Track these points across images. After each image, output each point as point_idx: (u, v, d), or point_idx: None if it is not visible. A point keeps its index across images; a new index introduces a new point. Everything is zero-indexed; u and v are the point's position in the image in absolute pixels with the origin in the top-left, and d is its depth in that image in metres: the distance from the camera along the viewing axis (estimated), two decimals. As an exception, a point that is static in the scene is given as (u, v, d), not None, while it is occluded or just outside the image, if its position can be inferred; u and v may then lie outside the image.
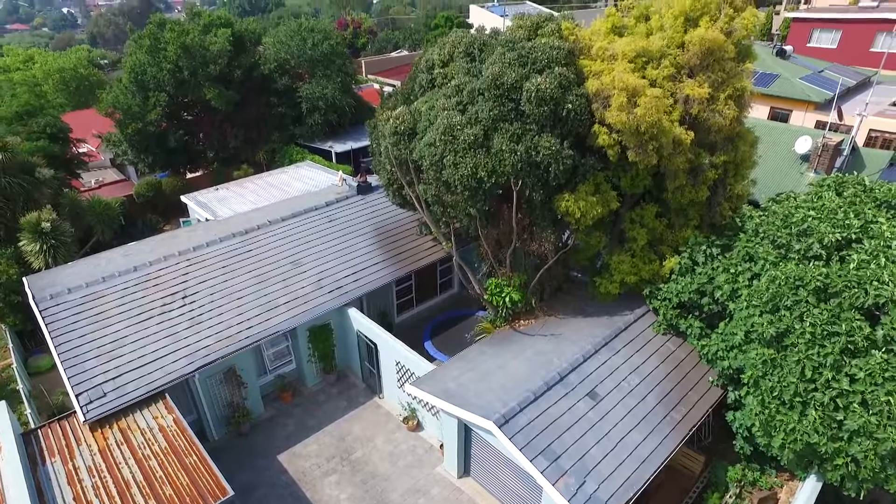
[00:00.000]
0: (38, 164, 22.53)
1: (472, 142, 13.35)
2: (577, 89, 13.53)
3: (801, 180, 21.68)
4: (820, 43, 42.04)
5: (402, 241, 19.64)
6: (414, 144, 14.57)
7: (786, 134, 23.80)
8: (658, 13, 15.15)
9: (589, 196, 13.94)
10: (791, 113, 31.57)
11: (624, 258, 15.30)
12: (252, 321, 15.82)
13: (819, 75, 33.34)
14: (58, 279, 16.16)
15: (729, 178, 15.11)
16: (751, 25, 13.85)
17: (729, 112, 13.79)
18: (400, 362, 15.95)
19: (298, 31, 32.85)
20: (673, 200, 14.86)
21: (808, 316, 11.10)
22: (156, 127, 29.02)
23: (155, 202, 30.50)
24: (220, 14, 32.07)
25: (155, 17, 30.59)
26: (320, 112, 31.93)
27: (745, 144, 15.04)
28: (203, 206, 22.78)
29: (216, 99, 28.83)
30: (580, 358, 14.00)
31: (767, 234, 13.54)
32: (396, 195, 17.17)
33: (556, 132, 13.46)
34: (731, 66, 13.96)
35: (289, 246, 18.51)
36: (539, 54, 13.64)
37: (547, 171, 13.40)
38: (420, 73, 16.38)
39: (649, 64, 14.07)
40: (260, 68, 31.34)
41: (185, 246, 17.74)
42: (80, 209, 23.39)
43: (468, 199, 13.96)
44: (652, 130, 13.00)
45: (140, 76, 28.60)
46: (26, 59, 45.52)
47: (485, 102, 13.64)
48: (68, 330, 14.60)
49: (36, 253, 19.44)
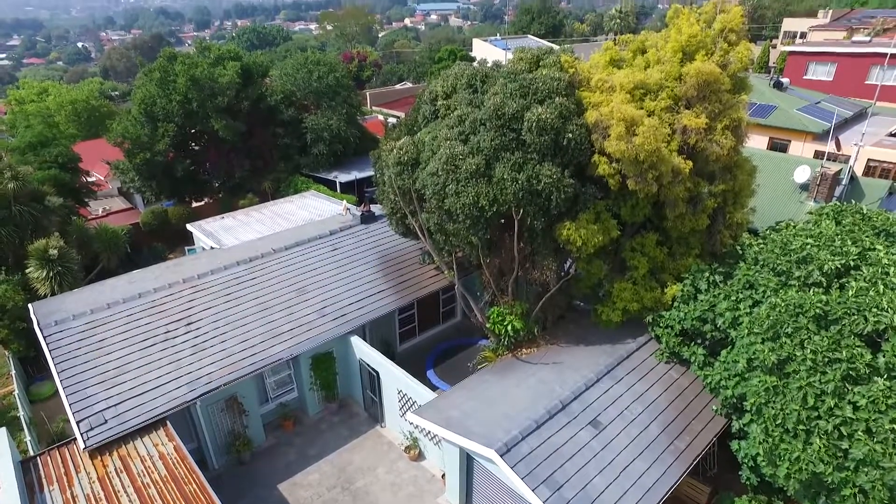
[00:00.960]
0: (47, 193, 22.91)
1: (473, 171, 13.60)
2: (577, 119, 13.83)
3: (800, 209, 21.85)
4: (816, 75, 42.82)
5: (404, 270, 19.77)
6: (417, 174, 14.83)
7: (785, 163, 24.07)
8: (655, 47, 15.59)
9: (590, 224, 14.10)
10: (790, 143, 31.96)
11: (625, 286, 15.37)
12: (255, 349, 15.85)
13: (816, 106, 33.85)
14: (63, 305, 16.29)
15: (728, 206, 15.30)
16: (745, 59, 14.22)
17: (726, 142, 14.06)
18: (402, 391, 15.89)
19: (304, 64, 33.67)
20: (673, 229, 15.01)
21: (808, 343, 11.10)
22: (163, 156, 29.56)
23: (161, 230, 30.82)
24: (230, 48, 33.00)
25: (165, 51, 31.48)
26: (325, 142, 32.48)
27: (744, 173, 15.28)
28: (208, 235, 23.03)
29: (223, 130, 29.41)
30: (582, 386, 13.95)
31: (767, 262, 13.63)
32: (399, 224, 17.37)
33: (557, 161, 13.71)
34: (728, 98, 14.28)
35: (293, 274, 18.65)
36: (540, 85, 13.99)
37: (548, 199, 13.60)
38: (423, 105, 16.77)
39: (647, 95, 14.42)
40: (267, 100, 32.03)
41: (189, 273, 17.90)
42: (87, 237, 23.68)
43: (470, 227, 14.13)
44: (651, 159, 13.24)
45: (149, 107, 29.26)
46: (41, 92, 46.63)
47: (486, 132, 13.93)
48: (71, 356, 14.66)
49: (42, 280, 19.63)
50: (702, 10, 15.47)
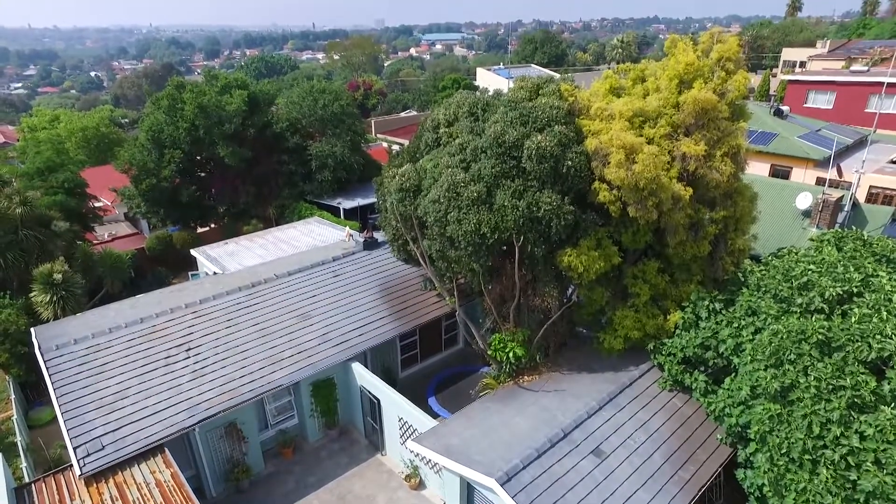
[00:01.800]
0: (54, 217, 23.19)
1: (475, 198, 13.69)
2: (577, 147, 13.97)
3: (803, 235, 21.81)
4: (816, 104, 43.24)
5: (406, 297, 19.75)
6: (419, 201, 14.94)
7: (786, 190, 24.14)
8: (653, 76, 15.82)
9: (591, 251, 14.12)
10: (791, 170, 32.10)
11: (627, 313, 15.30)
12: (255, 375, 15.77)
13: (817, 134, 34.09)
14: (65, 330, 16.31)
15: (730, 233, 15.31)
16: (742, 87, 14.40)
17: (726, 168, 14.14)
18: (403, 418, 15.73)
19: (310, 93, 34.26)
20: (675, 256, 15.01)
21: (812, 370, 10.98)
22: (169, 182, 29.92)
23: (165, 255, 31.01)
24: (237, 76, 33.67)
25: (173, 79, 32.14)
26: (329, 169, 32.83)
27: (744, 200, 15.33)
28: (212, 260, 23.14)
29: (229, 156, 29.81)
30: (584, 414, 13.78)
31: (769, 289, 13.56)
32: (401, 250, 17.43)
33: (557, 189, 13.80)
34: (726, 125, 14.41)
35: (294, 300, 18.66)
36: (539, 114, 14.18)
37: (548, 226, 13.65)
38: (426, 132, 16.98)
39: (646, 123, 14.57)
40: (273, 127, 32.52)
41: (191, 298, 17.93)
42: (92, 261, 23.86)
43: (471, 254, 14.17)
44: (651, 186, 13.32)
45: (157, 134, 29.75)
46: (53, 119, 47.54)
47: (487, 160, 14.07)
48: (71, 381, 14.62)
49: (46, 304, 19.72)
50: (699, 40, 15.75)
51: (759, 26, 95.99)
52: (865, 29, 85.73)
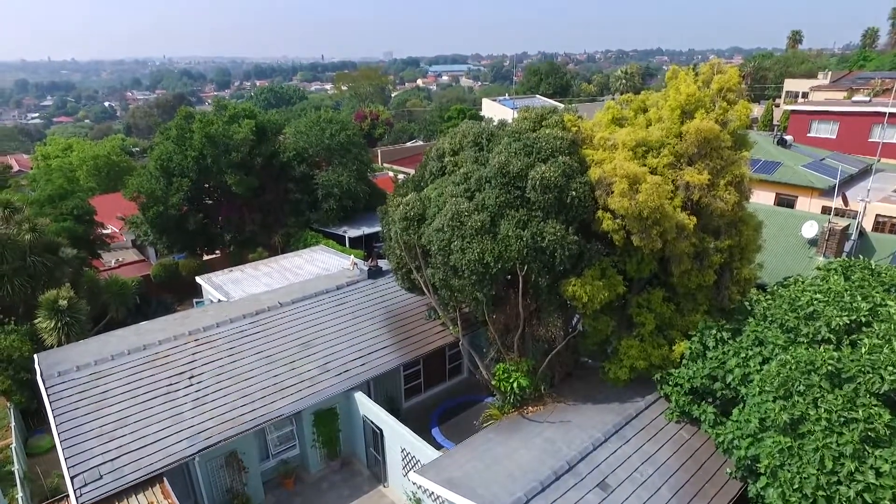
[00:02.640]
0: (62, 244, 23.40)
1: (479, 228, 13.72)
2: (581, 177, 14.04)
3: (810, 264, 21.67)
4: (819, 133, 43.46)
5: (410, 326, 19.66)
6: (423, 230, 14.98)
7: (792, 219, 24.10)
8: (655, 106, 15.98)
9: (595, 280, 14.05)
10: (796, 199, 32.08)
11: (633, 343, 15.14)
12: (257, 403, 15.63)
13: (821, 163, 34.17)
14: (68, 356, 16.29)
15: (735, 262, 15.21)
16: (744, 117, 14.51)
17: (730, 197, 14.14)
18: (406, 449, 15.49)
19: (318, 122, 34.75)
20: (680, 285, 14.91)
21: (822, 402, 10.77)
22: (177, 210, 30.21)
23: (171, 282, 31.11)
24: (246, 106, 34.27)
25: (182, 110, 32.77)
26: (335, 198, 33.04)
27: (750, 229, 15.28)
28: (217, 288, 23.19)
29: (236, 185, 30.14)
30: (590, 446, 13.52)
31: (776, 318, 13.42)
32: (405, 279, 17.42)
33: (561, 218, 13.82)
34: (729, 154, 14.47)
35: (298, 328, 18.60)
36: (543, 144, 14.30)
37: (553, 256, 13.62)
38: (431, 162, 17.14)
39: (649, 153, 14.66)
40: (280, 156, 32.92)
41: (195, 326, 17.92)
42: (98, 288, 23.96)
43: (475, 283, 14.13)
44: (654, 216, 13.31)
45: (166, 163, 30.19)
46: (66, 148, 48.43)
47: (492, 190, 14.14)
48: (72, 408, 14.53)
49: (50, 330, 19.74)
50: (700, 71, 15.94)
51: (760, 58, 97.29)
52: (866, 61, 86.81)
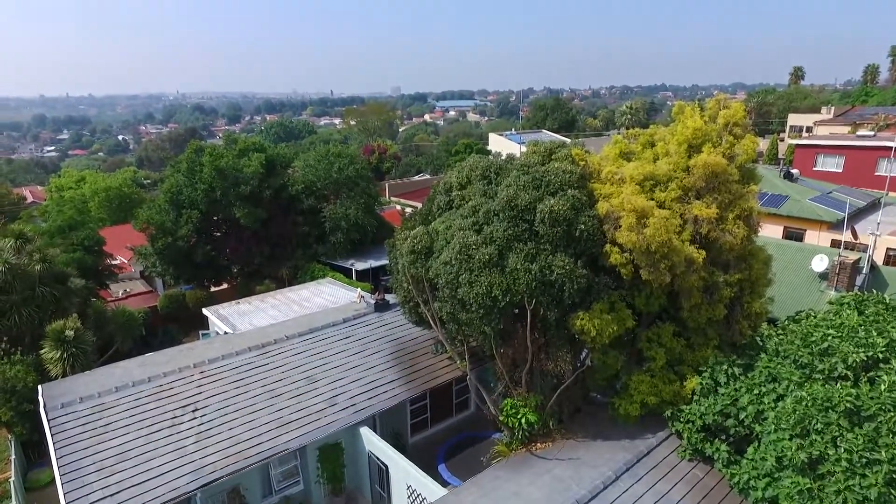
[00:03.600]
0: (71, 274, 23.52)
1: (487, 261, 13.70)
2: (589, 211, 14.06)
3: (821, 298, 21.43)
4: (825, 167, 43.59)
5: (417, 360, 19.48)
6: (430, 263, 14.97)
7: (801, 252, 23.96)
8: (663, 140, 16.11)
9: (604, 314, 13.92)
10: (805, 232, 31.97)
11: (643, 378, 14.89)
12: (262, 438, 15.39)
13: (828, 196, 34.16)
14: (72, 388, 16.18)
15: (745, 296, 15.07)
16: (751, 151, 14.58)
17: (739, 231, 14.10)
18: (412, 486, 15.13)
19: (326, 156, 35.18)
20: (690, 319, 14.75)
21: (842, 441, 10.48)
22: (185, 241, 30.43)
23: (177, 314, 31.12)
24: (255, 140, 34.88)
25: (193, 143, 33.36)
26: (343, 231, 33.17)
27: (759, 262, 15.19)
28: (223, 320, 23.15)
29: (245, 217, 30.40)
30: (600, 485, 13.16)
31: (788, 354, 13.20)
32: (412, 312, 17.34)
33: (570, 252, 13.79)
34: (737, 188, 14.49)
35: (304, 361, 18.46)
36: (552, 178, 14.37)
37: (561, 289, 13.55)
38: (438, 195, 17.24)
39: (657, 187, 14.70)
40: (288, 189, 33.26)
41: (200, 358, 17.82)
42: (105, 318, 23.97)
43: (483, 317, 14.03)
44: (663, 249, 13.26)
45: (176, 195, 30.56)
46: (79, 180, 49.24)
47: (500, 223, 14.17)
48: (73, 441, 14.34)
49: (55, 361, 19.67)
50: (706, 106, 16.12)
51: (764, 93, 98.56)
52: (868, 96, 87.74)
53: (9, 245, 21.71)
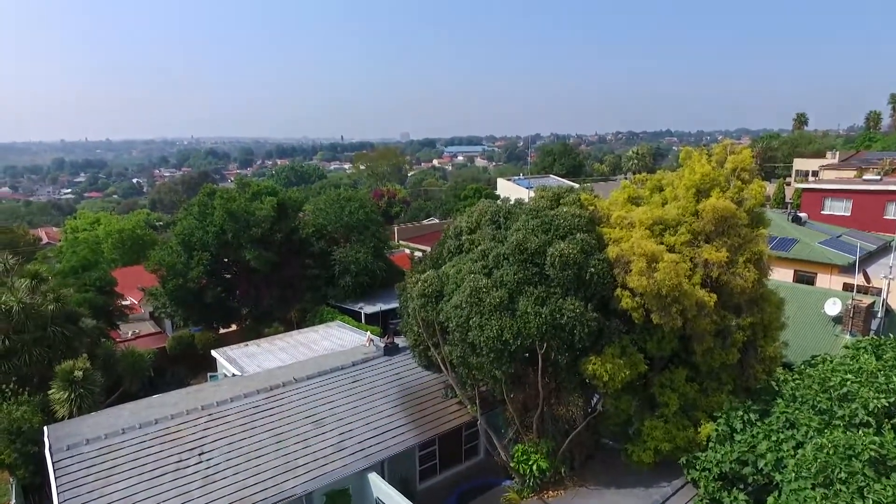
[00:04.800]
0: (83, 314, 23.69)
1: (497, 304, 13.73)
2: (599, 254, 14.15)
3: (836, 342, 21.12)
4: (833, 210, 43.63)
5: (426, 404, 19.23)
6: (441, 306, 15.01)
7: (813, 296, 23.76)
8: (671, 185, 16.31)
9: (616, 359, 13.82)
10: (816, 275, 31.75)
11: (656, 424, 14.62)
12: (268, 483, 15.10)
13: (838, 240, 34.05)
14: (78, 429, 16.06)
15: (759, 339, 14.94)
16: (759, 195, 14.73)
17: (749, 275, 14.09)
18: (419, 536, 14.70)
19: (337, 200, 35.68)
20: (703, 363, 14.58)
21: (869, 492, 10.17)
22: (196, 283, 30.65)
23: (186, 355, 31.05)
24: (267, 184, 35.53)
25: (206, 187, 34.04)
26: (352, 275, 33.22)
27: (771, 306, 15.12)
28: (232, 362, 23.09)
29: (255, 260, 30.65)
30: (617, 536, 12.74)
31: (806, 399, 12.97)
32: (422, 356, 17.26)
33: (580, 295, 13.82)
34: (746, 232, 14.57)
35: (311, 405, 18.28)
36: (561, 221, 14.54)
37: (572, 333, 13.50)
38: (448, 239, 17.42)
39: (666, 231, 14.81)
40: (299, 232, 33.64)
41: (208, 400, 17.70)
42: (114, 359, 23.96)
43: (493, 361, 13.96)
44: (674, 293, 13.26)
45: (188, 237, 30.98)
46: (93, 221, 50.10)
47: (510, 266, 14.26)
48: (77, 485, 14.12)
49: (63, 401, 19.55)
50: (713, 152, 16.38)
51: (768, 138, 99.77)
52: (871, 142, 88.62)
53: (24, 285, 21.99)
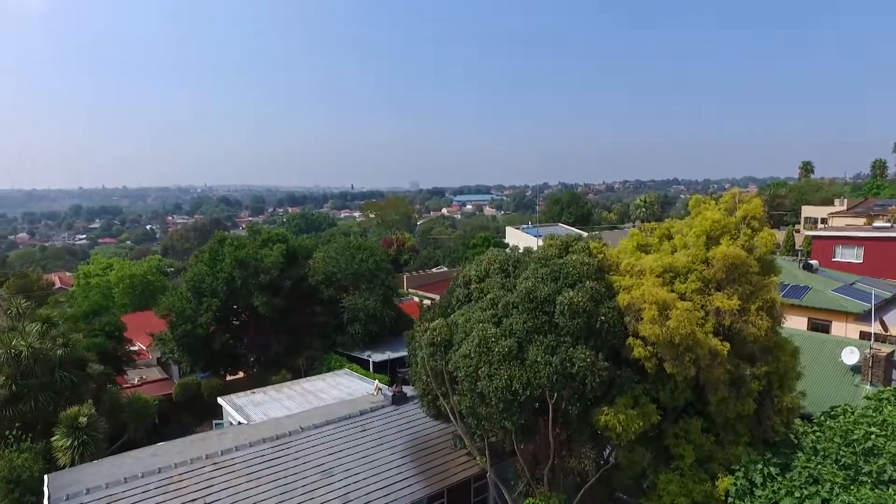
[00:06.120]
0: (90, 360, 23.65)
1: (506, 353, 13.59)
2: (609, 303, 14.07)
3: (856, 393, 20.55)
4: (845, 258, 43.27)
5: (435, 455, 18.78)
6: (450, 355, 14.86)
7: (829, 344, 23.31)
8: (680, 233, 16.36)
9: (628, 409, 13.52)
10: (831, 323, 31.23)
11: (672, 477, 14.13)
12: (270, 538, 14.64)
13: (851, 287, 33.64)
14: (80, 478, 15.79)
15: (774, 389, 14.59)
16: (769, 243, 14.70)
17: (762, 323, 13.90)
18: None
19: (347, 248, 35.81)
20: (718, 413, 14.22)
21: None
22: (204, 329, 30.63)
23: (192, 402, 30.71)
24: (278, 231, 35.93)
25: (217, 234, 34.50)
26: (361, 322, 32.98)
27: (786, 354, 14.84)
28: (238, 409, 22.81)
29: (263, 306, 30.67)
30: None
31: (829, 453, 12.55)
32: (431, 406, 16.99)
33: (591, 344, 13.66)
34: (758, 280, 14.46)
35: (318, 455, 17.91)
36: (570, 270, 14.53)
37: (583, 383, 13.29)
38: (457, 288, 17.40)
39: (676, 278, 14.74)
40: (308, 279, 33.72)
41: (212, 449, 17.41)
42: (119, 405, 23.77)
43: (503, 411, 13.71)
44: (686, 342, 13.08)
45: (198, 284, 31.17)
46: (106, 267, 50.63)
47: (519, 315, 14.17)
48: (78, 540, 13.76)
49: (65, 448, 19.26)
50: (721, 200, 16.47)
51: (776, 186, 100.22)
52: (879, 189, 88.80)
53: (35, 329, 22.10)
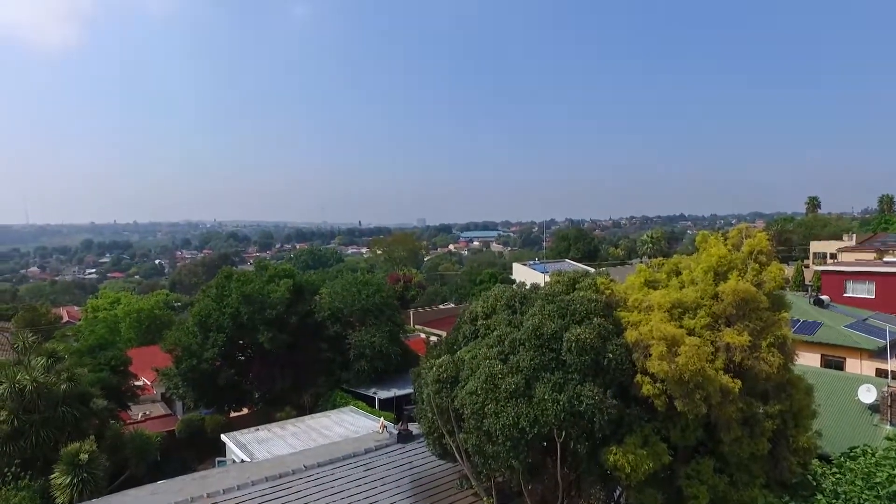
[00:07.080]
0: (94, 395, 23.49)
1: (513, 390, 13.41)
2: (617, 339, 13.91)
3: (875, 433, 20.02)
4: (856, 293, 42.84)
5: (441, 495, 18.28)
6: (456, 392, 14.67)
7: (843, 382, 22.88)
8: (688, 268, 16.27)
9: (638, 448, 13.20)
10: (845, 360, 30.68)
11: (687, 521, 13.67)
12: (271, 583, 14.20)
13: (865, 323, 33.17)
14: (80, 522, 15.46)
15: (789, 429, 14.23)
16: (778, 278, 14.56)
17: (774, 359, 13.66)
18: None
19: (354, 284, 35.79)
20: (731, 453, 13.84)
21: None
22: (210, 364, 30.47)
23: (195, 438, 30.33)
24: (285, 267, 36.07)
25: (224, 269, 34.69)
26: (367, 359, 32.63)
27: (800, 392, 14.53)
28: (241, 447, 22.49)
29: (268, 342, 30.54)
30: None
31: (850, 497, 12.17)
32: (437, 444, 16.68)
33: (599, 381, 13.46)
34: (768, 316, 14.28)
35: (322, 494, 17.48)
36: (577, 306, 14.43)
37: (591, 421, 13.04)
38: (464, 324, 17.29)
39: (685, 314, 14.58)
40: (315, 315, 33.63)
41: (214, 488, 17.08)
42: (121, 441, 23.47)
43: (510, 449, 13.44)
44: (696, 378, 12.85)
45: (204, 319, 31.17)
46: (114, 301, 50.86)
47: (526, 352, 14.03)
48: (75, 584, 13.40)
49: (64, 487, 18.92)
50: (728, 235, 16.44)
51: (783, 221, 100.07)
52: (888, 224, 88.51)
53: (40, 363, 22.03)
